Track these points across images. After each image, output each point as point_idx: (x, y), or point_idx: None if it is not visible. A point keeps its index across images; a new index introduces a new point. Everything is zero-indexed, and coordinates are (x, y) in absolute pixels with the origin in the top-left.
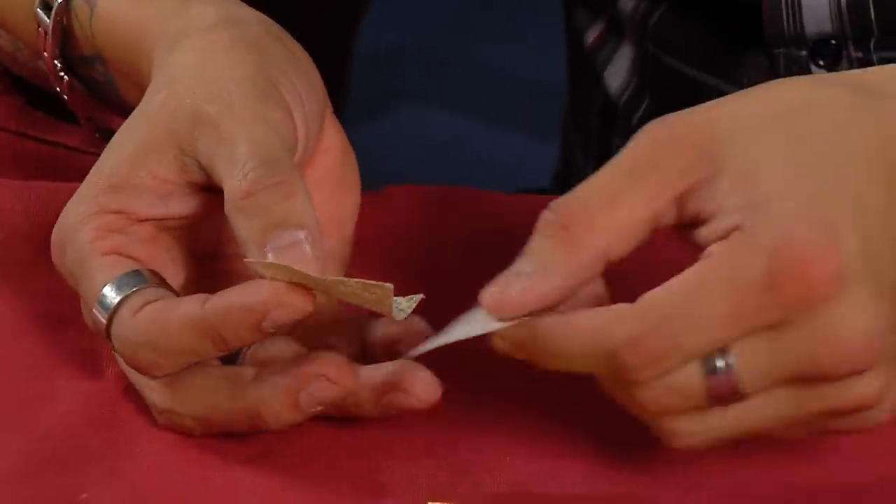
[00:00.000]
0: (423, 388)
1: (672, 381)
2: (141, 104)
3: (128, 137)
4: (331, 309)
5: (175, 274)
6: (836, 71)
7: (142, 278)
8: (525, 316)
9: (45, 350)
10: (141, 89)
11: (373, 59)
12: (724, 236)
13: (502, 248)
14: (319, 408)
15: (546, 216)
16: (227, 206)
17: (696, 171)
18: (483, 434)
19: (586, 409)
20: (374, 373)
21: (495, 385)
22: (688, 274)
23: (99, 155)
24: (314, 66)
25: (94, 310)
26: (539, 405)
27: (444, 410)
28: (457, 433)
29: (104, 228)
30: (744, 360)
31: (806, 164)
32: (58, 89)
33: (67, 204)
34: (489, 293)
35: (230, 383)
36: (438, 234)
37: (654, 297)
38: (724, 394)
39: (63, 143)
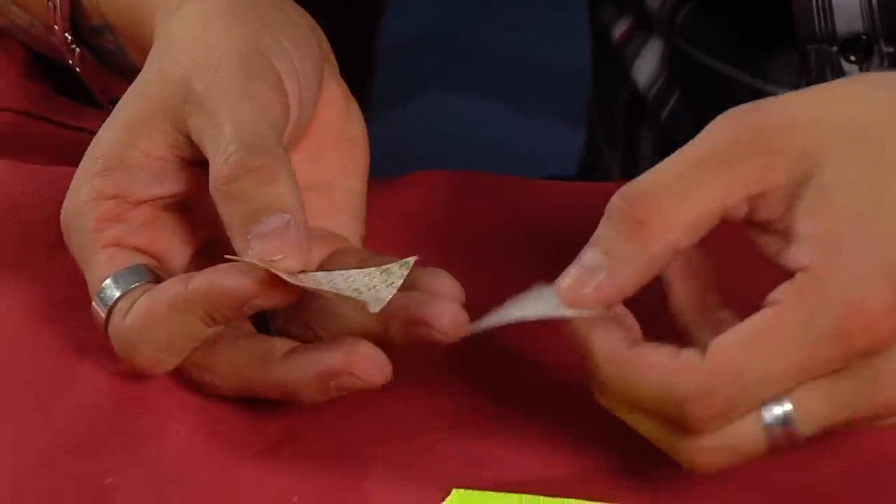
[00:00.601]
0: (450, 321)
1: (732, 439)
2: (138, 76)
3: (120, 114)
4: (357, 256)
5: (179, 253)
6: (868, 67)
7: (140, 274)
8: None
9: (69, 334)
10: (146, 55)
11: (397, 48)
12: (793, 272)
13: (527, 233)
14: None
15: (616, 204)
16: (211, 190)
17: (774, 177)
18: (508, 422)
19: None
20: (401, 302)
21: (521, 374)
22: (757, 323)
23: None
24: (311, 26)
25: (93, 303)
26: (566, 395)
27: (469, 397)
28: (481, 422)
29: (103, 218)
30: (801, 407)
31: (884, 196)
32: (70, 62)
33: (69, 189)
34: (567, 287)
35: (261, 358)
36: (463, 219)
37: (725, 348)
38: (784, 444)
39: (88, 128)
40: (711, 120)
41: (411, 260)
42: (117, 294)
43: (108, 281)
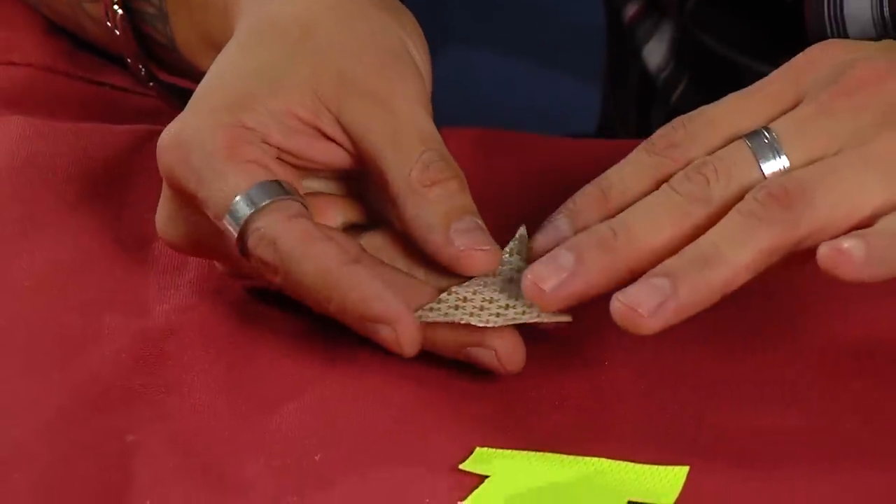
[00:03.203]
0: (509, 350)
1: None
2: (263, 39)
3: (263, 67)
4: None
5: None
6: None
7: (283, 189)
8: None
9: (92, 290)
10: (195, 25)
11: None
12: None
13: (549, 191)
14: None
15: None
16: (400, 186)
17: None
18: (533, 378)
19: (638, 358)
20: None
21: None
22: None
23: (148, 95)
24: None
25: (234, 203)
26: (589, 350)
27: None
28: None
29: (239, 138)
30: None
31: None
32: (108, 24)
33: (192, 109)
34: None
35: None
36: (484, 177)
37: None
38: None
39: (110, 83)
40: None
41: (523, 231)
42: (267, 200)
43: (255, 188)
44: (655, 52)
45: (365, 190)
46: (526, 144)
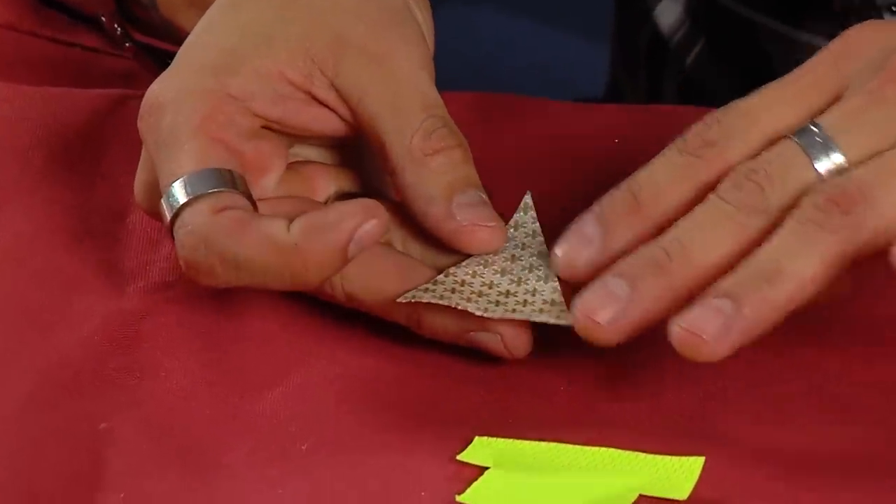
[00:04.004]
0: (515, 334)
1: None
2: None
3: (252, 25)
4: None
5: (270, 179)
6: None
7: (233, 181)
8: None
9: (62, 267)
10: None
11: None
12: None
13: (550, 157)
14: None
15: None
16: (399, 155)
17: None
18: (538, 360)
19: (655, 340)
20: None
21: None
22: None
23: (122, 56)
24: None
25: (171, 186)
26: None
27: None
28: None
29: (218, 109)
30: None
31: None
32: None
33: (175, 68)
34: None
35: (403, 278)
36: (483, 142)
37: None
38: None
39: (81, 43)
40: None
41: (528, 200)
42: (205, 189)
43: (197, 174)
44: (668, 12)
45: (360, 159)
46: (528, 109)
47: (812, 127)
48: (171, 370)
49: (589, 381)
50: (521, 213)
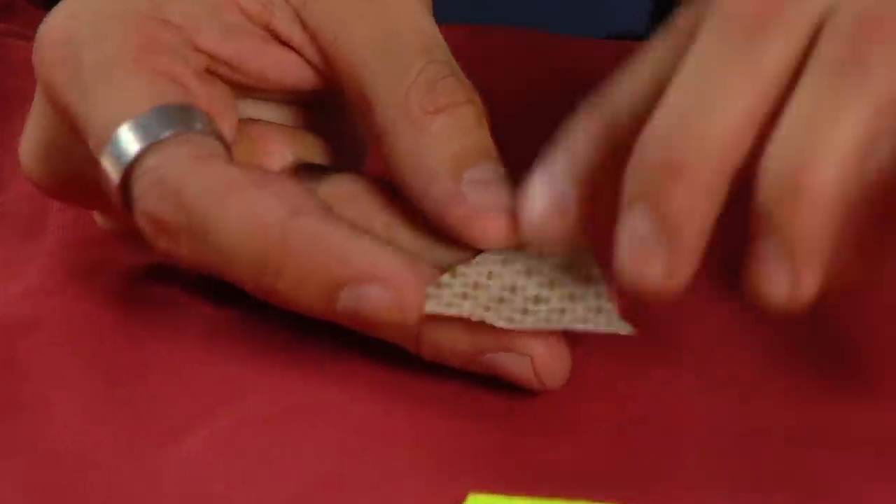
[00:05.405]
0: (550, 359)
1: None
2: None
3: None
4: None
5: (228, 127)
6: None
7: (195, 118)
8: None
9: None
10: None
11: None
12: None
13: (570, 109)
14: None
15: None
16: (390, 113)
17: None
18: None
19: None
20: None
21: None
22: None
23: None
24: None
25: (116, 133)
26: (621, 364)
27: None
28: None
29: (154, 38)
30: None
31: None
32: None
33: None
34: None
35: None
36: (487, 89)
37: None
38: None
39: None
40: None
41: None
42: (170, 130)
43: (155, 111)
44: None
45: (329, 119)
46: (542, 47)
47: None
48: (59, 406)
49: (601, 426)
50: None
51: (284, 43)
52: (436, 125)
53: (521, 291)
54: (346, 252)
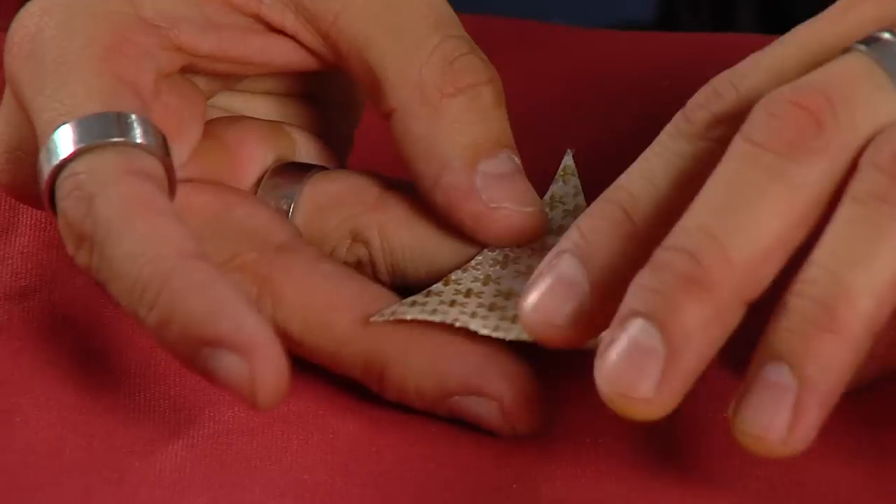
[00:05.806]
0: (519, 402)
1: None
2: None
3: None
4: None
5: (188, 139)
6: None
7: (142, 130)
8: None
9: None
10: None
11: None
12: None
13: (580, 102)
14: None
15: None
16: (404, 94)
17: None
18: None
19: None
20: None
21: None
22: None
23: None
24: None
25: (56, 131)
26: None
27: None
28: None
29: (127, 40)
30: None
31: None
32: None
33: None
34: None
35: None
36: (514, 77)
37: None
38: None
39: None
40: None
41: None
42: (91, 142)
43: (99, 117)
44: None
45: (311, 112)
46: (550, 38)
47: (886, 32)
48: (30, 416)
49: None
50: (560, 183)
51: (277, 30)
52: (453, 109)
53: (517, 298)
54: (220, 310)
